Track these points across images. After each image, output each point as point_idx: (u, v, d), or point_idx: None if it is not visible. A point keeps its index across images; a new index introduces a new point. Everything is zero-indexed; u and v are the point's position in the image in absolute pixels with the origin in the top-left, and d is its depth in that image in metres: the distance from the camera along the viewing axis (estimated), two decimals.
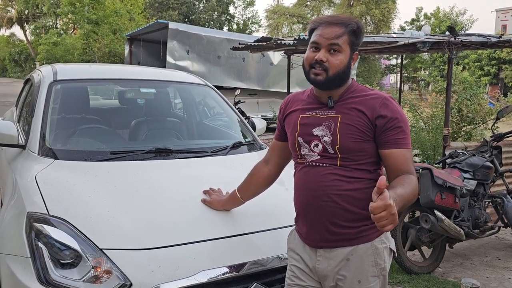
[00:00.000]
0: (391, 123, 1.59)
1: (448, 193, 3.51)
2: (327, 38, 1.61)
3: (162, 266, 1.75)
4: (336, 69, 1.61)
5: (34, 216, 1.88)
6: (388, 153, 1.61)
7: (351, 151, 1.61)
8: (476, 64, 28.33)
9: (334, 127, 1.62)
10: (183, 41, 10.90)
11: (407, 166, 1.60)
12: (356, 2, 33.11)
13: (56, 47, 27.13)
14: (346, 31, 1.61)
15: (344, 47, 1.61)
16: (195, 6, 32.98)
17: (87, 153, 2.50)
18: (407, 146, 1.62)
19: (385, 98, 1.63)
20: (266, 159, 2.01)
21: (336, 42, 1.60)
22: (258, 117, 4.41)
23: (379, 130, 1.60)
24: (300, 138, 1.71)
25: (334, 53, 1.62)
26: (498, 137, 4.23)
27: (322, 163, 1.65)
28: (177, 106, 4.20)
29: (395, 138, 1.60)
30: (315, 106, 1.71)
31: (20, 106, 3.80)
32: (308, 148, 1.69)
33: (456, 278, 3.65)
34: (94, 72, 3.44)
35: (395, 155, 1.60)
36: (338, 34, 1.60)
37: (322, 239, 1.67)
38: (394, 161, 1.61)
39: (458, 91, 8.43)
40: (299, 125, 1.72)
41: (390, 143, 1.60)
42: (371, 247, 1.66)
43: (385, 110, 1.60)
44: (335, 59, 1.61)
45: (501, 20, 39.87)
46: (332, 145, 1.62)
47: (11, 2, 43.80)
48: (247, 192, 2.04)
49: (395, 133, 1.59)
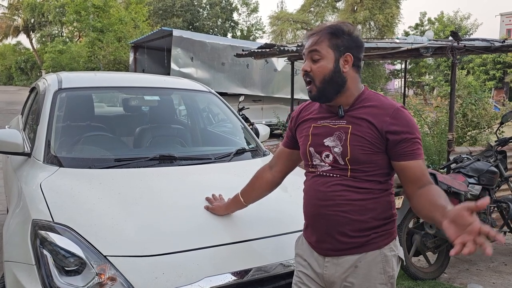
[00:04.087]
0: (404, 135, 1.56)
1: (453, 198, 3.49)
2: (307, 48, 1.64)
3: (165, 273, 1.76)
4: (321, 76, 1.61)
5: (39, 223, 1.89)
6: (405, 165, 1.59)
7: (361, 162, 1.59)
8: (481, 69, 28.20)
9: (345, 138, 1.61)
10: (187, 48, 10.97)
11: (426, 176, 1.59)
12: (360, 7, 33.15)
13: (61, 55, 27.35)
14: (323, 34, 1.61)
15: (325, 52, 1.60)
16: (199, 13, 33.15)
17: (92, 161, 2.51)
18: (421, 156, 1.60)
19: (396, 109, 1.59)
20: (271, 165, 2.01)
21: (314, 48, 1.61)
22: (262, 123, 4.43)
23: (391, 143, 1.57)
24: (311, 148, 1.70)
25: (316, 62, 1.62)
26: (503, 142, 4.21)
27: (333, 173, 1.64)
28: (181, 113, 4.22)
29: (410, 150, 1.57)
30: (327, 115, 1.70)
31: (25, 114, 3.84)
32: (319, 158, 1.68)
33: (462, 284, 3.63)
34: (99, 80, 3.47)
35: (412, 166, 1.58)
36: (315, 41, 1.62)
37: (331, 248, 1.67)
38: (412, 172, 1.58)
39: (462, 95, 8.42)
40: (311, 135, 1.71)
41: (405, 155, 1.57)
42: (380, 255, 1.65)
43: (395, 122, 1.57)
44: (317, 67, 1.61)
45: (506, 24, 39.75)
46: (342, 157, 1.61)
47: (17, 11, 44.23)
48: (250, 196, 2.05)
49: (409, 145, 1.57)
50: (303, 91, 11.87)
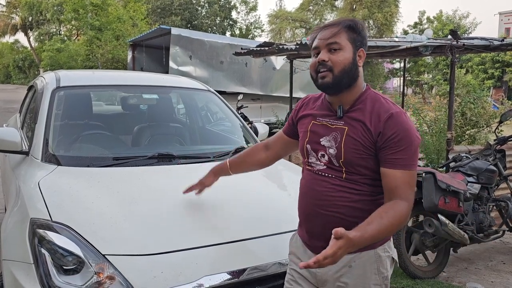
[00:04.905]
0: (391, 141, 1.52)
1: (452, 197, 3.49)
2: (324, 39, 1.59)
3: (164, 272, 1.75)
4: (341, 66, 1.56)
5: (37, 222, 1.89)
6: (383, 172, 1.55)
7: (355, 165, 1.58)
8: (480, 67, 28.23)
9: (340, 139, 1.59)
10: (186, 46, 10.94)
11: (400, 190, 1.52)
12: (359, 6, 33.17)
13: (59, 53, 27.30)
14: (342, 27, 1.58)
15: (344, 43, 1.57)
16: (198, 11, 33.13)
17: (90, 159, 2.51)
18: (407, 167, 1.52)
19: (390, 114, 1.54)
20: (267, 145, 2.01)
21: (334, 41, 1.57)
22: (261, 122, 4.42)
23: (378, 147, 1.55)
24: (308, 146, 1.69)
25: (335, 52, 1.57)
26: (502, 141, 4.21)
27: (328, 173, 1.63)
28: (179, 112, 4.21)
29: (392, 158, 1.52)
30: (326, 113, 1.68)
31: (23, 113, 3.82)
32: (315, 157, 1.67)
33: (461, 283, 3.63)
34: (97, 78, 3.46)
35: (388, 175, 1.53)
36: (334, 32, 1.57)
37: (325, 246, 1.66)
38: (387, 181, 1.54)
39: (461, 94, 8.41)
40: (310, 131, 1.70)
41: (385, 162, 1.54)
42: (374, 255, 1.64)
43: (387, 126, 1.52)
44: (337, 57, 1.56)
45: (504, 23, 39.82)
46: (336, 158, 1.60)
47: (15, 9, 44.14)
48: (238, 168, 2.08)
49: (392, 152, 1.52)
50: (302, 90, 11.86)
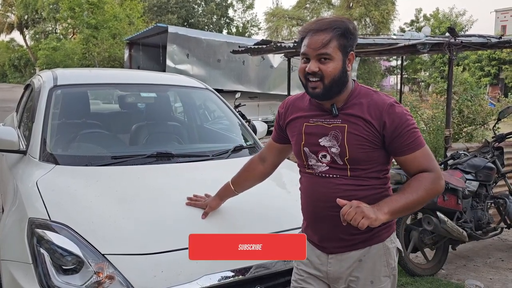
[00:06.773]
0: (400, 130, 1.55)
1: (450, 194, 3.50)
2: (314, 49, 1.54)
3: (164, 271, 1.74)
4: (331, 76, 1.55)
5: (35, 222, 1.87)
6: (404, 159, 1.59)
7: (361, 161, 1.58)
8: (476, 65, 28.30)
9: (342, 137, 1.58)
10: (183, 44, 10.90)
11: (426, 163, 1.58)
12: (355, 4, 33.18)
13: (55, 52, 27.14)
14: (334, 36, 1.53)
15: (334, 53, 1.54)
16: (194, 9, 33.07)
17: (88, 158, 2.49)
18: (421, 145, 1.58)
19: (389, 104, 1.57)
20: (262, 157, 2.00)
21: (324, 52, 1.53)
22: (258, 120, 4.41)
23: (388, 139, 1.56)
24: (306, 148, 1.67)
25: (324, 61, 1.54)
26: (500, 138, 4.22)
27: (332, 174, 1.62)
28: (177, 110, 4.19)
29: (407, 143, 1.56)
30: (319, 113, 1.66)
31: (20, 112, 3.80)
32: (315, 158, 1.65)
33: (460, 280, 3.63)
34: (94, 77, 3.44)
35: (411, 160, 1.58)
36: (324, 42, 1.53)
37: (336, 246, 1.67)
38: (412, 164, 1.59)
39: (458, 92, 8.43)
40: (304, 134, 1.67)
41: (404, 149, 1.57)
42: (383, 248, 1.66)
43: (391, 118, 1.55)
44: (327, 67, 1.54)
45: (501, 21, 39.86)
46: (341, 157, 1.59)
47: (11, 7, 43.92)
48: (242, 187, 2.08)
49: (405, 138, 1.56)
50: (299, 88, 11.82)
